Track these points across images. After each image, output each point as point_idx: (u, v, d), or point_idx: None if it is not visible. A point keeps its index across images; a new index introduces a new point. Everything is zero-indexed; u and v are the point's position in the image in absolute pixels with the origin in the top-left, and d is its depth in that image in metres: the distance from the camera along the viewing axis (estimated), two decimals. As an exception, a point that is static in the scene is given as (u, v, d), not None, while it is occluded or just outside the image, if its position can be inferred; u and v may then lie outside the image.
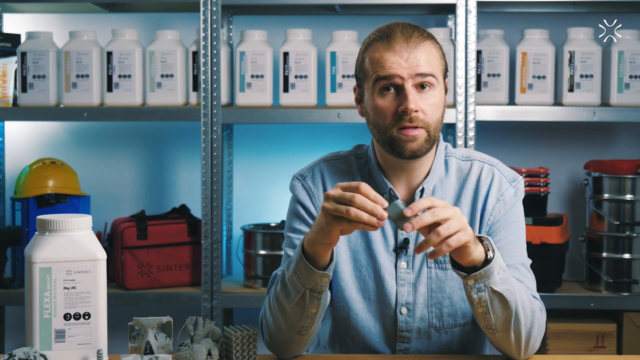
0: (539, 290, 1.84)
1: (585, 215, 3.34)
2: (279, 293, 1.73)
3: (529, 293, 1.75)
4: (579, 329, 3.15)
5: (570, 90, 3.12)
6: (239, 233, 3.38)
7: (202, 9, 3.09)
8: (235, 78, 3.16)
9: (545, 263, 3.10)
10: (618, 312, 3.17)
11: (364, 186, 1.57)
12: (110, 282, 3.27)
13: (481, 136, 3.25)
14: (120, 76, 3.15)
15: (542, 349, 3.12)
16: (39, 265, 1.61)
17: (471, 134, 3.06)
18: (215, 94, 3.10)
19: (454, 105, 3.08)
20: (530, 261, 1.85)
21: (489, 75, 3.15)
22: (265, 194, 3.51)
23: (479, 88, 3.14)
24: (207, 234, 3.13)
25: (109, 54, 3.15)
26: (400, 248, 1.84)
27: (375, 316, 1.85)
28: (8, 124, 3.51)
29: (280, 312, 1.74)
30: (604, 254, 3.16)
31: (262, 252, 3.20)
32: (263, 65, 3.15)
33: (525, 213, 1.92)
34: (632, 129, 3.47)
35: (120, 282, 3.23)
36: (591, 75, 3.11)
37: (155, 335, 1.65)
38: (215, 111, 3.11)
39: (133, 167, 3.54)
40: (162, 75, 3.15)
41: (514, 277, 1.74)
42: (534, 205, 3.17)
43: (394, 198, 1.83)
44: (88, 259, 1.64)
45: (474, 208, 1.85)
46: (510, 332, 1.70)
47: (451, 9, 3.26)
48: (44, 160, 3.31)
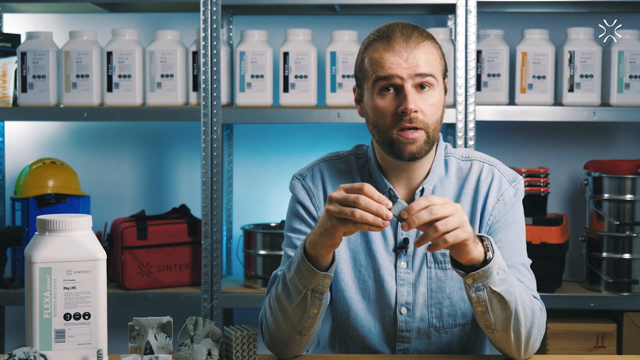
0: (539, 290, 1.84)
1: (585, 215, 3.34)
2: (279, 294, 1.73)
3: (529, 293, 1.75)
4: (579, 329, 3.15)
5: (570, 90, 3.12)
6: (239, 233, 3.38)
7: (202, 9, 3.09)
8: (235, 78, 3.16)
9: (545, 263, 3.10)
10: (618, 312, 3.17)
11: (368, 187, 1.57)
12: (110, 282, 3.27)
13: (481, 136, 3.25)
14: (120, 76, 3.15)
15: (542, 349, 3.12)
16: (39, 265, 1.61)
17: (471, 134, 3.06)
18: (215, 94, 3.10)
19: (454, 105, 3.08)
20: (530, 261, 1.84)
21: (489, 75, 3.15)
22: (265, 194, 3.51)
23: (479, 88, 3.14)
24: (207, 234, 3.13)
25: (109, 54, 3.15)
26: (400, 248, 1.84)
27: (375, 316, 1.85)
28: (8, 124, 3.51)
29: (281, 313, 1.74)
30: (604, 254, 3.16)
31: (262, 252, 3.20)
32: (263, 65, 3.15)
33: (525, 213, 1.92)
34: (632, 129, 3.47)
35: (120, 282, 3.23)
36: (591, 75, 3.11)
37: (155, 335, 1.65)
38: (215, 111, 3.11)
39: (133, 167, 3.54)
40: (162, 75, 3.15)
41: (514, 277, 1.74)
42: (534, 205, 3.17)
43: (394, 198, 1.83)
44: (88, 259, 1.64)
45: (473, 208, 1.85)
46: (510, 332, 1.70)
47: (451, 9, 3.26)
48: (44, 160, 3.31)
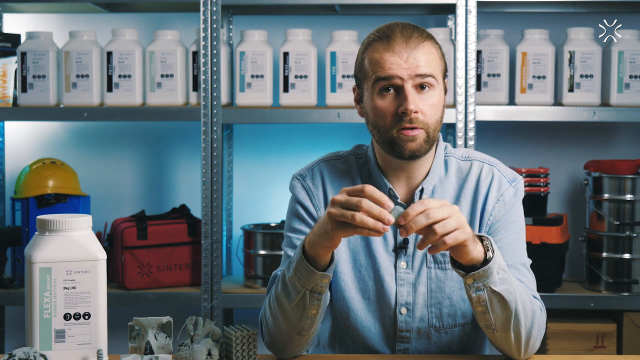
0: (539, 290, 1.83)
1: (585, 215, 3.34)
2: (279, 293, 1.73)
3: (529, 293, 1.75)
4: (579, 329, 3.15)
5: (570, 90, 3.12)
6: (239, 233, 3.38)
7: (202, 9, 3.09)
8: (235, 78, 3.16)
9: (545, 263, 3.10)
10: (618, 312, 3.17)
11: (369, 187, 1.56)
12: (110, 282, 3.27)
13: (481, 136, 3.25)
14: (120, 76, 3.15)
15: (542, 349, 3.12)
16: (39, 265, 1.61)
17: (471, 134, 3.06)
18: (215, 94, 3.10)
19: (454, 105, 3.08)
20: (530, 261, 1.84)
21: (489, 75, 3.15)
22: (265, 194, 3.51)
23: (479, 88, 3.14)
24: (207, 234, 3.13)
25: (109, 54, 3.15)
26: (400, 248, 1.84)
27: (374, 316, 1.85)
28: (8, 124, 3.51)
29: (280, 313, 1.74)
30: (604, 254, 3.16)
31: (262, 252, 3.20)
32: (263, 65, 3.15)
33: (525, 213, 1.92)
34: (632, 129, 3.47)
35: (120, 282, 3.23)
36: (591, 75, 3.11)
37: (155, 335, 1.65)
38: (215, 111, 3.11)
39: (133, 167, 3.54)
40: (162, 75, 3.15)
41: (514, 277, 1.74)
42: (534, 205, 3.17)
43: (394, 198, 1.83)
44: (88, 259, 1.64)
45: (473, 208, 1.85)
46: (510, 332, 1.70)
47: (451, 9, 3.26)
48: (44, 160, 3.31)
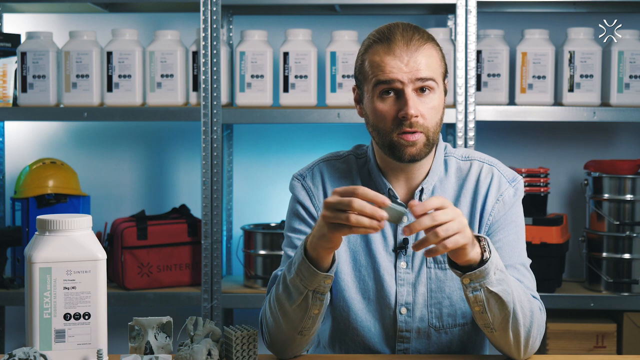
0: (539, 290, 1.83)
1: (585, 215, 3.34)
2: (280, 294, 1.73)
3: (528, 293, 1.75)
4: (579, 329, 3.15)
5: (570, 90, 3.12)
6: (239, 233, 3.38)
7: (202, 9, 3.09)
8: (235, 78, 3.16)
9: (545, 263, 3.10)
10: (618, 312, 3.17)
11: (361, 188, 1.56)
12: (110, 282, 3.27)
13: (481, 136, 3.25)
14: (120, 76, 3.15)
15: (542, 349, 3.12)
16: (39, 265, 1.61)
17: (471, 134, 3.06)
18: (215, 94, 3.10)
19: (454, 106, 3.08)
20: (530, 261, 1.84)
21: (489, 75, 3.15)
22: (265, 194, 3.51)
23: (479, 88, 3.14)
24: (207, 234, 3.13)
25: (109, 54, 3.15)
26: (400, 248, 1.84)
27: (374, 316, 1.85)
28: (8, 124, 3.51)
29: (281, 313, 1.74)
30: (604, 254, 3.16)
31: (262, 252, 3.20)
32: (263, 65, 3.15)
33: (525, 213, 1.92)
34: (632, 129, 3.47)
35: (120, 282, 3.23)
36: (591, 75, 3.11)
37: (155, 335, 1.65)
38: (215, 111, 3.11)
39: (133, 167, 3.54)
40: (162, 75, 3.15)
41: (514, 277, 1.74)
42: (534, 205, 3.17)
43: (393, 198, 1.83)
44: (88, 259, 1.64)
45: (473, 208, 1.85)
46: (508, 332, 1.70)
47: (451, 9, 3.26)
48: (44, 160, 3.31)
